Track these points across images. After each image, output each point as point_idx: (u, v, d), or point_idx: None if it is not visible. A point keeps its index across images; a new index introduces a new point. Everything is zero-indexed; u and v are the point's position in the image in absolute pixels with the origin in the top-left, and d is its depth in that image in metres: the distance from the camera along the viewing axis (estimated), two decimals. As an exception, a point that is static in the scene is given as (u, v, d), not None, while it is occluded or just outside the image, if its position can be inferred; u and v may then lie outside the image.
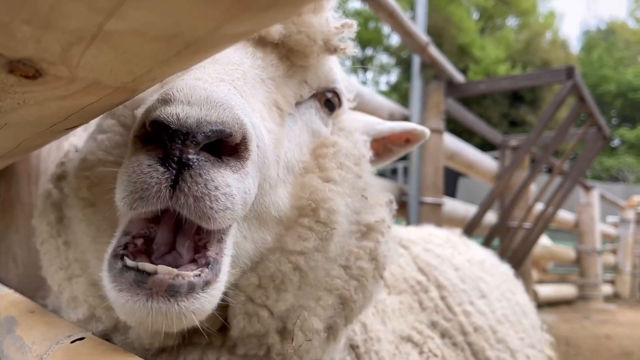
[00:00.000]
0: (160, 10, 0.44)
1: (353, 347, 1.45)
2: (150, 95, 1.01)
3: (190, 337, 1.11)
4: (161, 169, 0.77)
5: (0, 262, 1.80)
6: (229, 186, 0.80)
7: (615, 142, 40.13)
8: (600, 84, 40.26)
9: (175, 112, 0.76)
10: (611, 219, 15.34)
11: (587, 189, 11.96)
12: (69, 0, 0.41)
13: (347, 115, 1.40)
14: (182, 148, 0.76)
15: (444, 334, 1.82)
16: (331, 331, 1.19)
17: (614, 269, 14.47)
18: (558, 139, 6.23)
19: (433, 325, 1.82)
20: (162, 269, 0.80)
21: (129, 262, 0.81)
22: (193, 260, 0.86)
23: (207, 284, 0.83)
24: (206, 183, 0.78)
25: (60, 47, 0.50)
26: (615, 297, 13.65)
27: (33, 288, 1.71)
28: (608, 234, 14.04)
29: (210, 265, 0.85)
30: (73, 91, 0.64)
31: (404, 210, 5.26)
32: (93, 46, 0.50)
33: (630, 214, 14.55)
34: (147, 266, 0.80)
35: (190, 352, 1.09)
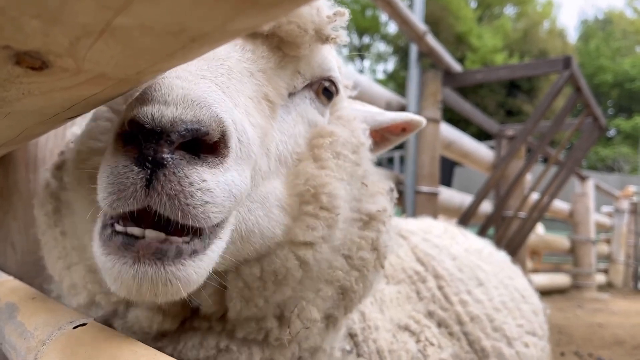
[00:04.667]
0: (168, 7, 0.45)
1: (351, 335, 1.47)
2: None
3: (190, 322, 1.12)
4: (136, 169, 0.77)
5: (-1, 249, 1.81)
6: (205, 181, 0.79)
7: (611, 132, 40.24)
8: (597, 74, 40.30)
9: (150, 112, 0.75)
10: (606, 209, 15.41)
11: (583, 179, 12.00)
12: (78, -4, 0.42)
13: (346, 104, 1.40)
14: (156, 147, 0.76)
15: (440, 324, 1.84)
16: (330, 320, 1.20)
17: (608, 258, 14.57)
18: (554, 129, 6.25)
19: (430, 314, 1.84)
20: (150, 232, 0.79)
21: (118, 227, 0.81)
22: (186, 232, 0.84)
23: (194, 252, 0.82)
24: (180, 180, 0.77)
25: (67, 41, 0.50)
26: (608, 287, 13.75)
27: (31, 275, 1.72)
28: (602, 224, 14.11)
29: (201, 237, 0.84)
30: (78, 83, 0.65)
31: (400, 200, 5.28)
32: (100, 40, 0.51)
33: (625, 204, 14.63)
34: (135, 230, 0.80)
35: (190, 337, 1.11)
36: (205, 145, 0.80)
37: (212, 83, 0.89)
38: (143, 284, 0.79)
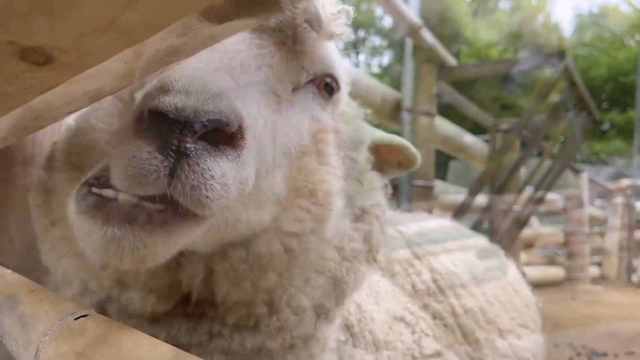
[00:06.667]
0: (172, 2, 0.46)
1: (348, 327, 1.48)
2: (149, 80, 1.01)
3: (184, 307, 1.13)
4: (160, 157, 0.78)
5: (-3, 243, 1.81)
6: (225, 175, 0.81)
7: (605, 126, 40.30)
8: (591, 67, 40.32)
9: (173, 102, 0.76)
10: (599, 202, 15.46)
11: (577, 172, 12.04)
12: (86, -7, 0.43)
13: (347, 101, 1.41)
14: (180, 137, 0.78)
15: (435, 316, 1.86)
16: (322, 310, 1.21)
17: (601, 251, 14.63)
18: (548, 123, 6.27)
19: (425, 307, 1.86)
20: (123, 196, 0.81)
21: (94, 189, 0.83)
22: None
23: (165, 223, 0.83)
24: (203, 172, 0.79)
25: (73, 37, 0.51)
26: (602, 279, 13.80)
27: (30, 268, 1.72)
28: (596, 217, 14.16)
29: (175, 210, 0.84)
30: (80, 77, 0.66)
31: (395, 193, 5.29)
32: (105, 36, 0.52)
33: (619, 198, 14.68)
34: (109, 192, 0.81)
35: (184, 322, 1.12)
36: (224, 136, 0.82)
37: (228, 75, 0.92)
38: (110, 246, 0.80)
